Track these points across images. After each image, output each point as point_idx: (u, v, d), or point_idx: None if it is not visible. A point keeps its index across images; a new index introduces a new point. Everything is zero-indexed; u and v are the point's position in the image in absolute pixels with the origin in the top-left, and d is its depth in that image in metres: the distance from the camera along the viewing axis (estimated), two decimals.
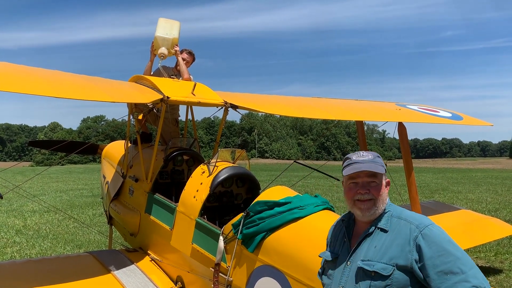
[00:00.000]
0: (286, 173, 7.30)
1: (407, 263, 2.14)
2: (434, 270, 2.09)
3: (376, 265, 2.18)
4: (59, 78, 4.55)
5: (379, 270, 2.16)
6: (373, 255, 2.23)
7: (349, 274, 2.28)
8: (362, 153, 2.39)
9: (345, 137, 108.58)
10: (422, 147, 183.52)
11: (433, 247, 2.12)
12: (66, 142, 6.95)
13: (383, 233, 2.27)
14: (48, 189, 21.51)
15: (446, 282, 2.06)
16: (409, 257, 2.14)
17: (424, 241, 2.14)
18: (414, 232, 2.18)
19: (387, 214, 2.33)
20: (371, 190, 2.30)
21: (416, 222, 2.22)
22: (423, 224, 2.20)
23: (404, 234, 2.20)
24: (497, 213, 13.14)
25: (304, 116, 5.99)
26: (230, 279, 3.70)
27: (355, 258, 2.30)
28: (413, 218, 2.27)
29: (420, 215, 2.32)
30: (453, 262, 2.09)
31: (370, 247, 2.26)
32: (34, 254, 8.79)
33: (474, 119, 7.42)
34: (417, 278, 2.14)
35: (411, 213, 2.34)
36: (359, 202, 2.32)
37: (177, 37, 5.99)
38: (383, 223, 2.30)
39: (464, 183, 25.54)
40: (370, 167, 2.30)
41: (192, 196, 4.43)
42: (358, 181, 2.33)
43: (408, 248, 2.16)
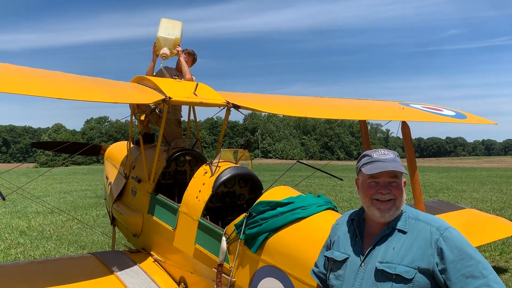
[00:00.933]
0: (290, 173, 7.28)
1: (429, 266, 2.10)
2: (456, 274, 2.06)
3: (397, 267, 2.12)
4: (61, 80, 4.55)
5: (402, 273, 2.11)
6: (392, 257, 2.17)
7: (364, 276, 2.22)
8: (383, 151, 2.32)
9: (348, 136, 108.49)
10: (426, 146, 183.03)
11: (454, 251, 2.09)
12: (69, 143, 6.96)
13: (401, 234, 2.22)
14: (52, 190, 21.57)
15: (468, 286, 2.04)
16: (431, 260, 2.10)
17: (445, 244, 2.11)
18: (435, 234, 2.14)
19: (404, 215, 2.28)
20: (392, 190, 2.24)
21: (436, 224, 2.19)
22: (443, 227, 2.17)
23: (425, 236, 2.15)
24: (502, 212, 13.07)
25: (307, 115, 5.98)
26: (233, 280, 3.69)
27: (371, 259, 2.23)
28: (432, 220, 2.23)
29: (435, 217, 2.27)
30: (475, 266, 2.07)
31: (388, 248, 2.20)
32: (38, 255, 8.81)
33: (478, 117, 7.38)
34: (436, 281, 2.11)
35: (427, 214, 2.31)
36: (378, 202, 2.25)
37: (179, 37, 5.98)
38: (401, 224, 2.24)
39: (468, 182, 25.43)
40: (395, 167, 2.24)
41: (194, 196, 4.42)
42: (379, 181, 2.26)
43: (430, 251, 2.11)
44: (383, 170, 2.22)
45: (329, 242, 2.56)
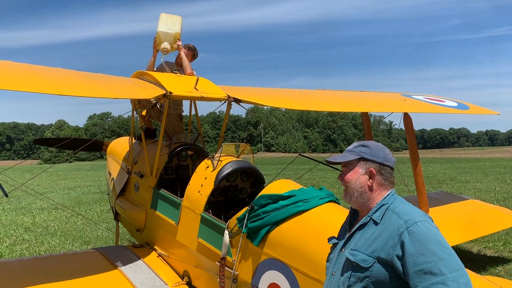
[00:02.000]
0: (293, 166, 7.28)
1: (388, 257, 2.11)
2: (414, 269, 2.04)
3: (358, 255, 2.19)
4: (63, 76, 4.56)
5: (359, 261, 2.17)
6: (361, 245, 2.23)
7: (341, 261, 2.33)
8: (353, 143, 2.47)
9: (351, 129, 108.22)
10: (429, 137, 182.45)
11: (416, 245, 2.07)
12: (71, 140, 6.98)
13: (374, 225, 2.26)
14: (56, 186, 21.66)
15: (424, 282, 2.02)
16: (390, 252, 2.11)
17: (409, 237, 2.09)
18: (401, 227, 2.14)
19: (383, 206, 2.29)
20: (343, 177, 2.37)
21: (406, 218, 2.17)
22: (412, 221, 2.14)
23: (392, 228, 2.17)
24: (505, 203, 13.04)
25: (309, 108, 5.96)
26: (236, 273, 3.71)
27: (348, 246, 2.33)
28: (405, 213, 2.20)
29: (417, 211, 2.24)
30: (435, 262, 2.02)
31: (361, 237, 2.27)
32: (43, 251, 8.87)
33: (481, 108, 7.35)
34: (398, 273, 2.12)
35: (408, 207, 2.27)
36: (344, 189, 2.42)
37: (179, 31, 5.97)
38: (376, 215, 2.28)
39: (472, 173, 25.36)
40: (336, 158, 2.40)
41: (197, 191, 4.43)
42: (341, 170, 2.45)
43: (392, 243, 2.12)
44: (329, 160, 2.47)
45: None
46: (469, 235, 6.72)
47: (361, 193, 2.32)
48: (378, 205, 2.29)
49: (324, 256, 2.68)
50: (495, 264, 7.30)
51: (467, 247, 8.26)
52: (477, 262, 7.31)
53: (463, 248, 8.18)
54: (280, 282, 3.33)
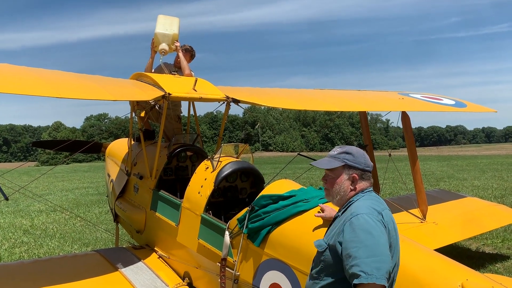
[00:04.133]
0: (291, 165, 7.30)
1: (333, 243, 2.45)
2: (344, 252, 2.37)
3: (317, 241, 2.58)
4: (61, 79, 4.56)
5: (316, 246, 2.57)
6: (326, 235, 2.61)
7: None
8: (335, 148, 2.69)
9: (348, 127, 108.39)
10: (427, 135, 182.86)
11: (350, 233, 2.37)
12: (70, 142, 6.97)
13: (338, 219, 2.58)
14: (54, 188, 21.61)
15: (348, 264, 2.33)
16: (335, 238, 2.45)
17: (348, 227, 2.40)
18: (346, 219, 2.45)
19: (349, 203, 2.58)
20: (327, 181, 2.64)
21: (353, 211, 2.47)
22: (355, 213, 2.43)
23: (343, 221, 2.48)
24: (503, 200, 13.09)
25: (307, 108, 5.97)
26: (237, 274, 3.72)
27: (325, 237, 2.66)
28: (356, 207, 2.48)
29: (366, 206, 2.47)
30: (357, 248, 2.31)
31: (330, 229, 2.62)
32: (42, 253, 8.85)
33: (478, 106, 7.38)
34: (339, 257, 2.41)
35: (364, 203, 2.51)
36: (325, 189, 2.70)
37: (177, 32, 5.98)
38: (341, 210, 2.61)
39: (469, 170, 25.44)
40: (320, 163, 2.64)
41: (196, 192, 4.44)
42: (324, 172, 2.69)
43: (337, 231, 2.47)
44: (315, 165, 2.71)
45: None
46: (467, 233, 6.75)
47: (343, 195, 2.60)
48: (347, 203, 2.58)
49: None
50: (493, 261, 7.33)
51: (465, 245, 8.29)
52: (476, 259, 7.34)
53: (462, 245, 8.22)
54: (281, 282, 3.34)
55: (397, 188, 16.02)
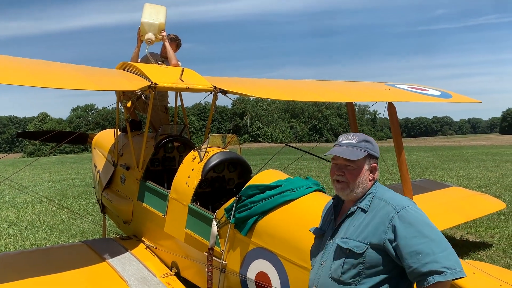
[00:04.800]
0: (279, 156, 7.33)
1: (380, 242, 2.22)
2: (407, 250, 2.15)
3: (350, 242, 2.28)
4: (45, 68, 4.49)
5: (352, 248, 2.26)
6: (351, 233, 2.32)
7: (330, 250, 2.39)
8: (348, 136, 2.45)
9: (336, 118, 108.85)
10: (413, 126, 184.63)
11: (408, 229, 2.18)
12: (55, 132, 6.89)
13: (363, 213, 2.35)
14: (40, 180, 21.37)
15: (418, 262, 2.13)
16: (382, 237, 2.22)
17: (399, 221, 2.21)
18: (391, 213, 2.25)
19: (370, 195, 2.39)
20: (346, 174, 2.37)
21: (394, 204, 2.29)
22: (401, 206, 2.26)
23: (382, 215, 2.27)
24: (487, 189, 13.32)
25: (295, 99, 5.98)
26: (224, 263, 3.74)
27: (336, 235, 2.39)
28: (393, 200, 2.32)
29: (402, 197, 2.36)
30: (426, 243, 2.14)
31: (350, 225, 2.35)
32: (28, 245, 8.78)
33: (463, 96, 7.47)
34: (390, 257, 2.22)
35: (394, 194, 2.39)
36: (336, 182, 2.42)
37: (163, 22, 5.92)
38: (364, 203, 2.38)
39: (455, 161, 25.80)
40: (344, 153, 2.36)
41: (184, 182, 4.44)
42: (337, 163, 2.41)
43: (383, 228, 2.23)
44: (334, 154, 2.38)
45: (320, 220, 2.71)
46: (452, 221, 6.87)
47: (364, 187, 2.39)
48: (365, 194, 2.39)
49: (311, 244, 2.73)
50: (477, 249, 7.48)
51: (450, 233, 8.44)
52: (460, 247, 7.48)
53: (446, 234, 8.36)
54: (268, 270, 3.38)
55: (383, 178, 16.18)
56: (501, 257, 7.02)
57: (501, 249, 7.42)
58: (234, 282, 3.69)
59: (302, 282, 3.07)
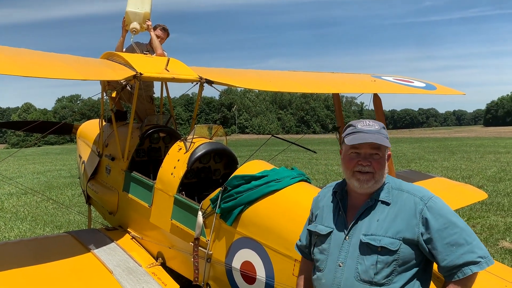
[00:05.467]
0: (267, 147, 7.35)
1: (413, 236, 2.09)
2: (441, 242, 2.07)
3: (383, 239, 2.10)
4: (28, 57, 4.41)
5: (387, 245, 2.09)
6: (377, 229, 2.14)
7: (348, 249, 2.18)
8: (367, 122, 2.26)
9: (324, 110, 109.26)
10: (400, 118, 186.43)
11: (439, 220, 2.09)
12: (38, 122, 6.80)
13: (385, 206, 2.18)
14: (24, 171, 21.11)
15: (453, 254, 2.06)
16: (416, 231, 2.09)
17: (430, 213, 2.10)
18: (419, 204, 2.13)
19: (386, 185, 2.24)
20: (372, 163, 2.18)
21: (419, 194, 2.17)
22: (427, 196, 2.16)
23: (409, 207, 2.14)
24: (470, 180, 13.56)
25: (282, 90, 5.97)
26: (210, 253, 3.76)
27: (354, 232, 2.19)
28: (416, 190, 2.21)
29: (419, 187, 2.25)
30: (459, 233, 2.08)
31: (372, 220, 2.17)
32: (13, 236, 8.71)
33: (447, 88, 7.55)
34: (421, 251, 2.12)
35: (411, 184, 2.27)
36: (358, 173, 2.20)
37: (148, 11, 5.85)
38: (384, 196, 2.21)
39: (439, 152, 26.18)
40: (377, 139, 2.16)
41: (169, 173, 4.43)
42: (360, 152, 2.20)
43: (415, 221, 2.10)
44: (363, 141, 2.16)
45: (311, 216, 2.51)
46: None
47: (383, 178, 2.23)
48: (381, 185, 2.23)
49: (295, 233, 2.75)
50: None
51: None
52: None
53: None
54: (253, 260, 3.40)
55: None
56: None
57: (482, 238, 7.59)
58: (219, 272, 3.72)
59: (286, 271, 3.12)
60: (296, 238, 2.69)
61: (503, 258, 6.52)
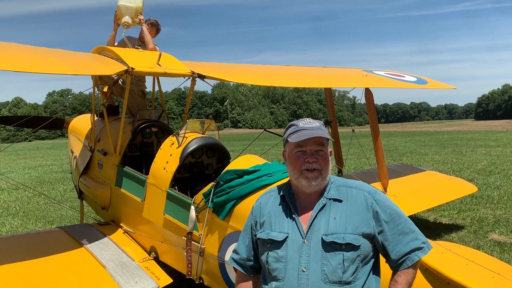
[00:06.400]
0: (259, 142, 7.37)
1: (370, 230, 2.12)
2: (391, 233, 2.14)
3: (346, 236, 2.08)
4: (19, 51, 4.38)
5: (352, 241, 2.07)
6: (336, 227, 2.10)
7: (309, 252, 2.09)
8: (309, 120, 2.25)
9: (316, 104, 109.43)
10: (392, 112, 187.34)
11: (387, 211, 2.16)
12: (30, 117, 6.76)
13: (338, 203, 2.17)
14: (15, 166, 20.96)
15: (401, 243, 2.14)
16: (371, 224, 2.13)
17: (378, 206, 2.15)
18: (368, 198, 2.17)
19: (333, 183, 2.23)
20: (318, 160, 2.15)
21: (367, 189, 2.22)
22: (373, 190, 2.21)
23: (360, 202, 2.16)
24: (461, 173, 13.69)
25: (274, 84, 5.99)
26: (202, 247, 3.79)
27: (312, 234, 2.11)
28: (362, 185, 2.25)
29: (361, 182, 2.30)
30: (404, 223, 2.17)
31: (329, 219, 2.13)
32: (4, 232, 8.66)
33: (438, 83, 7.61)
34: (375, 244, 2.17)
35: (353, 180, 2.31)
36: (306, 171, 2.16)
37: (141, 5, 5.82)
38: (334, 193, 2.19)
39: (431, 146, 26.38)
40: (321, 133, 2.16)
41: (162, 168, 4.44)
42: (306, 149, 2.17)
43: (369, 215, 2.14)
44: (308, 136, 2.13)
45: (254, 224, 2.32)
46: (426, 205, 7.07)
47: (329, 175, 2.22)
48: (329, 184, 2.22)
49: None
50: (449, 231, 7.73)
51: (424, 216, 8.68)
52: (433, 229, 7.72)
53: (421, 216, 8.60)
54: None
55: (361, 163, 16.45)
56: (472, 238, 7.28)
57: (472, 230, 7.68)
58: (212, 265, 3.75)
59: None
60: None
61: (492, 250, 6.61)
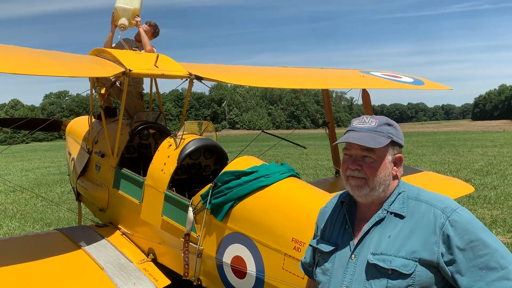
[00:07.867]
0: (257, 143, 7.39)
1: (432, 257, 1.72)
2: (467, 265, 1.70)
3: (394, 261, 1.74)
4: (16, 54, 4.38)
5: (399, 268, 1.73)
6: (388, 247, 1.78)
7: (354, 271, 1.83)
8: (365, 118, 1.92)
9: (314, 105, 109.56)
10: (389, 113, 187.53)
11: (465, 237, 1.71)
12: (27, 119, 6.75)
13: (398, 219, 1.82)
14: (12, 168, 20.90)
15: (482, 280, 1.68)
16: (435, 250, 1.72)
17: (453, 229, 1.72)
18: (440, 218, 1.76)
19: (401, 195, 1.88)
20: (363, 167, 1.84)
21: (441, 206, 1.79)
22: (450, 208, 1.78)
23: (428, 221, 1.77)
24: (458, 174, 13.74)
25: (271, 86, 6.03)
26: (200, 248, 3.79)
27: (362, 250, 1.84)
28: (436, 200, 1.83)
29: (443, 196, 1.88)
30: (490, 254, 1.70)
31: (383, 236, 1.81)
32: (2, 234, 8.64)
33: (435, 83, 7.65)
34: (442, 275, 1.75)
35: (432, 193, 1.90)
36: (351, 178, 1.88)
37: (138, 7, 5.83)
38: (397, 207, 1.85)
39: (428, 146, 26.46)
40: (361, 139, 1.83)
41: (159, 169, 4.44)
42: (351, 153, 1.88)
43: (435, 239, 1.73)
44: (345, 141, 1.87)
45: (316, 229, 2.16)
46: None
47: (386, 185, 1.86)
48: (394, 194, 1.88)
49: (285, 228, 2.79)
50: None
51: None
52: None
53: None
54: (243, 254, 3.44)
55: None
56: None
57: None
58: (210, 267, 3.75)
59: (276, 264, 3.16)
60: (286, 232, 2.72)
61: None
